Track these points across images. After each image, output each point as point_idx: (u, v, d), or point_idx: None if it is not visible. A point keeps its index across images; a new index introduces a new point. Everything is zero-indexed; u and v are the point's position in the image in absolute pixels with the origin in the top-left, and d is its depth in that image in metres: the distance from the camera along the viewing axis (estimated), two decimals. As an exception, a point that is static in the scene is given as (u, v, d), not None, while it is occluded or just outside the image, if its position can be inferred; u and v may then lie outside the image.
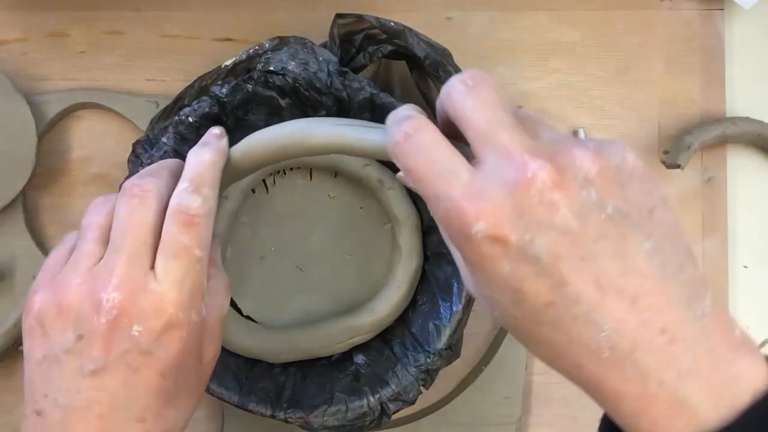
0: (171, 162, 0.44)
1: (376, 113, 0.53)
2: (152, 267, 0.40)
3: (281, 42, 0.53)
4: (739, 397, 0.33)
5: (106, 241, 0.41)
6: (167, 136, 0.53)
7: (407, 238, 0.57)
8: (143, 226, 0.40)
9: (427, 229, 0.58)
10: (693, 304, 0.34)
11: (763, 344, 0.62)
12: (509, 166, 0.34)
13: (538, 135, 0.36)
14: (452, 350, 0.53)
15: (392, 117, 0.38)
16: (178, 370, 0.41)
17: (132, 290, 0.39)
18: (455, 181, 0.34)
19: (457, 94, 0.36)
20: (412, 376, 0.53)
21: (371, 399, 0.53)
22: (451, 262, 0.54)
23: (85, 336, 0.39)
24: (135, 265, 0.40)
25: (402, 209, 0.57)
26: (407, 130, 0.36)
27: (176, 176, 0.43)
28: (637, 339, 0.33)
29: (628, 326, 0.33)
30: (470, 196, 0.34)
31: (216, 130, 0.44)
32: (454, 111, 0.36)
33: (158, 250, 0.41)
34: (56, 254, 0.43)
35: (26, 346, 0.42)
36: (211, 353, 0.43)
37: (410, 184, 0.36)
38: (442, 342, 0.53)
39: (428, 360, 0.53)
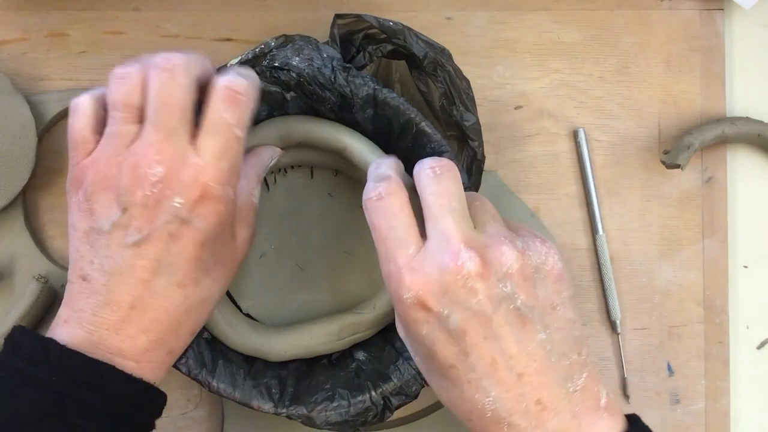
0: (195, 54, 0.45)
1: (379, 109, 0.53)
2: (191, 142, 0.42)
3: (287, 40, 0.53)
4: None
5: (137, 118, 0.43)
6: None
7: None
8: (179, 102, 0.42)
9: None
10: (567, 383, 0.42)
11: (763, 344, 0.62)
12: (446, 250, 0.41)
13: (484, 227, 0.43)
14: None
15: (374, 169, 0.45)
16: (215, 242, 0.44)
17: (173, 164, 0.42)
18: (403, 251, 0.42)
19: (424, 178, 0.43)
20: (414, 369, 0.53)
21: (373, 394, 0.53)
22: None
23: (129, 209, 0.42)
24: (175, 140, 0.42)
25: None
26: (381, 191, 0.43)
27: (202, 60, 0.44)
28: (514, 406, 0.41)
29: (510, 395, 0.41)
30: (410, 267, 0.41)
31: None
32: (419, 190, 0.43)
33: (201, 126, 0.43)
34: (77, 125, 0.44)
35: (73, 218, 0.44)
36: (244, 234, 0.47)
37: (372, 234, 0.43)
38: None
39: None
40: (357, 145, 0.55)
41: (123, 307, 0.43)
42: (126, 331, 0.43)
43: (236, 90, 0.43)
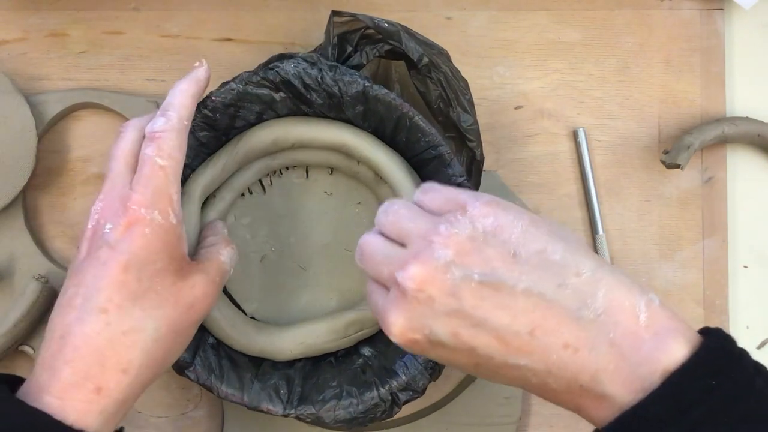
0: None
1: (370, 105, 0.53)
2: (130, 184, 0.47)
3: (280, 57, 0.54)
4: (650, 380, 0.38)
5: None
6: None
7: None
8: (122, 152, 0.48)
9: None
10: (583, 311, 0.39)
11: (763, 344, 0.62)
12: (394, 287, 0.42)
13: (408, 239, 0.43)
14: None
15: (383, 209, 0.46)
16: (142, 267, 0.45)
17: (110, 199, 0.47)
18: (378, 305, 0.43)
19: (364, 253, 0.45)
20: (420, 364, 0.53)
21: (381, 390, 0.53)
22: None
23: (79, 245, 0.47)
24: (116, 181, 0.47)
25: None
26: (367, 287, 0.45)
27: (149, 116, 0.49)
28: (547, 362, 0.40)
29: (536, 356, 0.40)
30: (381, 316, 0.43)
31: (196, 63, 0.51)
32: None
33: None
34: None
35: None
36: (199, 282, 0.48)
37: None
38: None
39: None
40: (356, 141, 0.55)
41: (56, 338, 0.44)
42: (53, 364, 0.43)
43: (153, 131, 0.48)
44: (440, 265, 0.40)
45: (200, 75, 0.50)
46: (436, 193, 0.44)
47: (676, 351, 0.38)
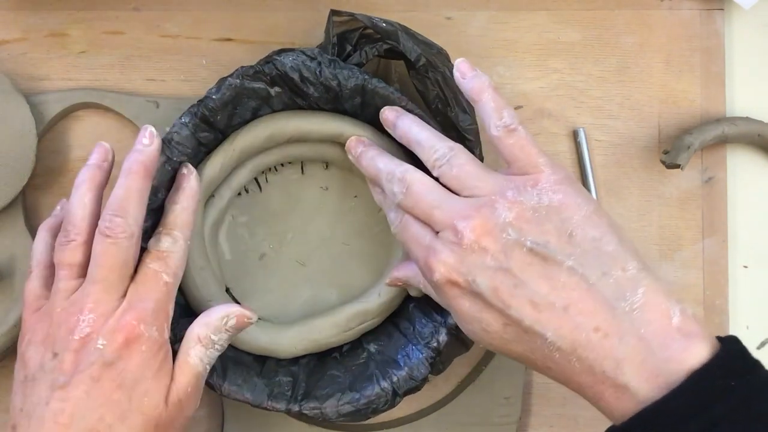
0: (136, 193, 0.48)
1: (367, 98, 0.53)
2: (124, 294, 0.46)
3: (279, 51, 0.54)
4: (674, 377, 0.40)
5: (78, 275, 0.47)
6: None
7: None
8: (117, 262, 0.46)
9: None
10: (620, 302, 0.41)
11: (763, 344, 0.62)
12: (449, 231, 0.45)
13: (472, 191, 0.46)
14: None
15: (382, 203, 0.51)
16: (134, 386, 0.45)
17: (103, 311, 0.45)
18: (423, 245, 0.46)
19: (399, 198, 0.48)
20: (421, 353, 0.54)
21: (383, 382, 0.53)
22: None
23: (59, 354, 0.44)
24: (109, 291, 0.46)
25: None
26: (400, 217, 0.49)
27: (142, 206, 0.48)
28: (575, 339, 0.41)
29: (565, 330, 0.41)
30: (430, 253, 0.45)
31: (184, 170, 0.50)
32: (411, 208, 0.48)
33: (132, 279, 0.46)
34: (31, 286, 0.49)
35: (15, 369, 0.47)
36: (181, 400, 0.47)
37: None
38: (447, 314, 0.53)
39: (436, 333, 0.54)
40: (353, 130, 0.55)
41: None
42: None
43: (162, 250, 0.48)
44: (499, 223, 0.43)
45: (194, 186, 0.50)
46: (517, 140, 0.46)
47: (699, 353, 0.40)
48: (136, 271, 0.47)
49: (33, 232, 0.59)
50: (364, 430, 0.59)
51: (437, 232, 0.46)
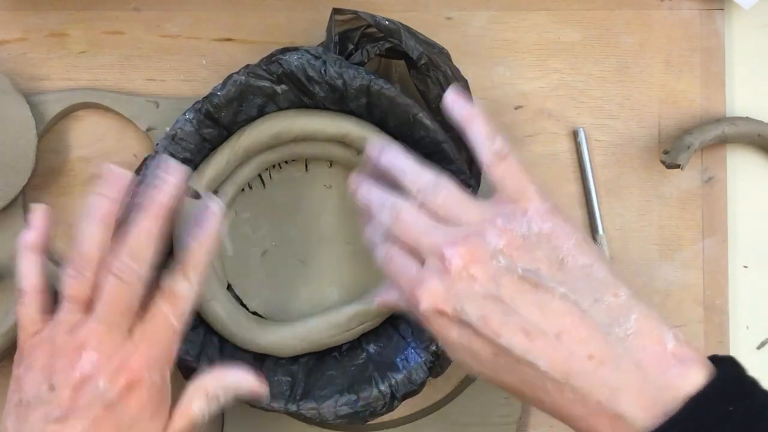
0: (154, 237, 0.47)
1: (373, 99, 0.53)
2: (130, 330, 0.46)
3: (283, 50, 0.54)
4: (671, 405, 0.38)
5: (84, 309, 0.46)
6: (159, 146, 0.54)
7: None
8: (125, 302, 0.45)
9: None
10: (613, 327, 0.40)
11: (763, 344, 0.62)
12: (435, 259, 0.43)
13: (460, 219, 0.45)
14: None
15: (373, 236, 0.49)
16: (131, 426, 0.44)
17: (108, 350, 0.44)
18: (409, 276, 0.45)
19: (387, 226, 0.47)
20: (420, 357, 0.54)
21: (381, 385, 0.53)
22: None
23: (57, 387, 0.44)
24: (115, 331, 0.45)
25: None
26: (385, 249, 0.47)
27: (157, 247, 0.47)
28: (568, 368, 0.40)
29: (558, 359, 0.40)
30: (416, 284, 0.44)
31: (213, 206, 0.49)
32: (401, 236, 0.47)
33: (140, 317, 0.46)
34: (25, 311, 0.47)
35: (9, 390, 0.46)
36: None
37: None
38: None
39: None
40: (359, 131, 0.55)
41: None
42: None
43: (176, 293, 0.47)
44: (489, 250, 0.42)
45: (218, 227, 0.49)
46: (508, 168, 0.45)
47: (696, 378, 0.39)
48: (143, 306, 0.47)
49: (33, 232, 0.59)
50: (364, 430, 0.59)
51: (423, 263, 0.45)
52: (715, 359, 0.41)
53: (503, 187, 0.45)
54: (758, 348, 0.62)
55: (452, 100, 0.47)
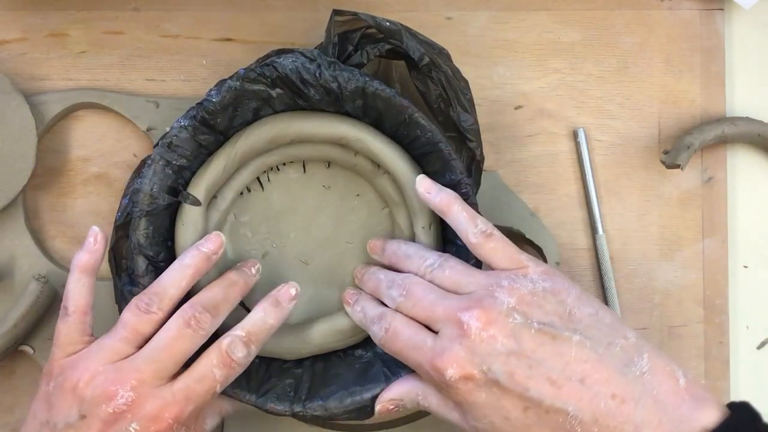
0: (232, 303, 0.51)
1: (369, 100, 0.53)
2: (174, 378, 0.47)
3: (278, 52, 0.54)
4: None
5: (136, 344, 0.47)
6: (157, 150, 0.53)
7: (407, 218, 0.57)
8: (183, 352, 0.47)
9: None
10: (630, 368, 0.44)
11: (763, 344, 0.62)
12: (452, 326, 0.46)
13: (467, 288, 0.48)
14: None
15: (371, 315, 0.51)
16: None
17: (146, 394, 0.45)
18: (425, 348, 0.47)
19: (398, 301, 0.50)
20: None
21: (392, 379, 0.53)
22: (452, 241, 0.55)
23: (88, 417, 0.45)
24: (159, 376, 0.46)
25: (398, 192, 0.57)
26: (385, 326, 0.49)
27: (230, 311, 0.50)
28: (595, 409, 0.43)
29: (585, 402, 0.43)
30: (437, 354, 0.46)
31: (291, 290, 0.52)
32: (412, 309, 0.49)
33: (189, 369, 0.47)
34: (67, 331, 0.48)
35: (35, 405, 0.47)
36: None
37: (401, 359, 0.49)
38: None
39: None
40: (356, 133, 0.55)
41: None
42: None
43: (233, 357, 0.48)
44: (503, 309, 0.45)
45: (290, 310, 0.52)
46: (498, 244, 0.49)
47: (711, 414, 0.42)
48: (194, 358, 0.48)
49: (33, 232, 0.59)
50: (364, 430, 0.59)
51: (436, 333, 0.47)
52: (730, 405, 0.43)
53: (497, 262, 0.49)
54: (758, 348, 0.62)
55: (426, 190, 0.51)
